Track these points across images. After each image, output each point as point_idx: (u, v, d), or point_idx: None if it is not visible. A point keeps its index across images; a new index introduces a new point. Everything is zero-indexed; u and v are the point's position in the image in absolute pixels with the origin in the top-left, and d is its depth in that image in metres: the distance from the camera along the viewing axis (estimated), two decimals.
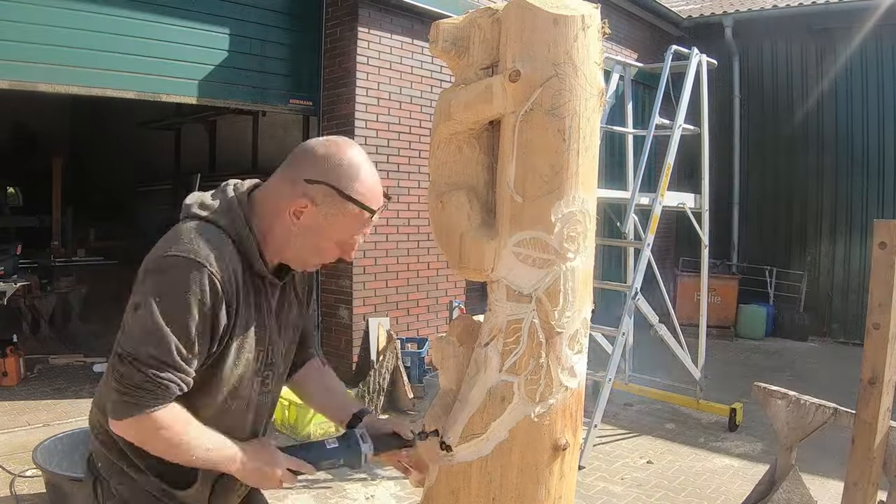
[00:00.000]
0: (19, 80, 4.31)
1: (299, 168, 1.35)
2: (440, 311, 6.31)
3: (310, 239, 1.36)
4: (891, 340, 2.23)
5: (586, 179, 1.42)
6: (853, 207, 8.54)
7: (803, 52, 8.83)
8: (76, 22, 4.50)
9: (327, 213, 1.34)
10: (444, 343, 1.57)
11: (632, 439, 4.74)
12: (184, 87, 5.09)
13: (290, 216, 1.34)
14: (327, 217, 1.34)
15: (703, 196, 5.18)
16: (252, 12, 5.44)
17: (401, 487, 3.78)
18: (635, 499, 3.78)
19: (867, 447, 2.28)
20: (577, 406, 1.49)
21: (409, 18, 5.87)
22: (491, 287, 1.46)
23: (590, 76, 1.38)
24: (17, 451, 3.93)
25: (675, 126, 4.78)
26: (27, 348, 5.86)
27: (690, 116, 4.92)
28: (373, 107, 5.71)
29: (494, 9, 1.44)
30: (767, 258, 9.15)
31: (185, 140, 9.74)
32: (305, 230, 1.35)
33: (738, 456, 4.46)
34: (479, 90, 1.40)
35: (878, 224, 2.25)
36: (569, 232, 1.39)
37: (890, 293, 2.21)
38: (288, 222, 1.35)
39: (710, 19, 9.21)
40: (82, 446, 3.18)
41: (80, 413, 4.62)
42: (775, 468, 2.75)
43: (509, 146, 1.39)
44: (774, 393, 2.69)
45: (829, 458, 3.81)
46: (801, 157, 8.85)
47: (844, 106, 8.51)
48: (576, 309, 1.43)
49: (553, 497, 1.46)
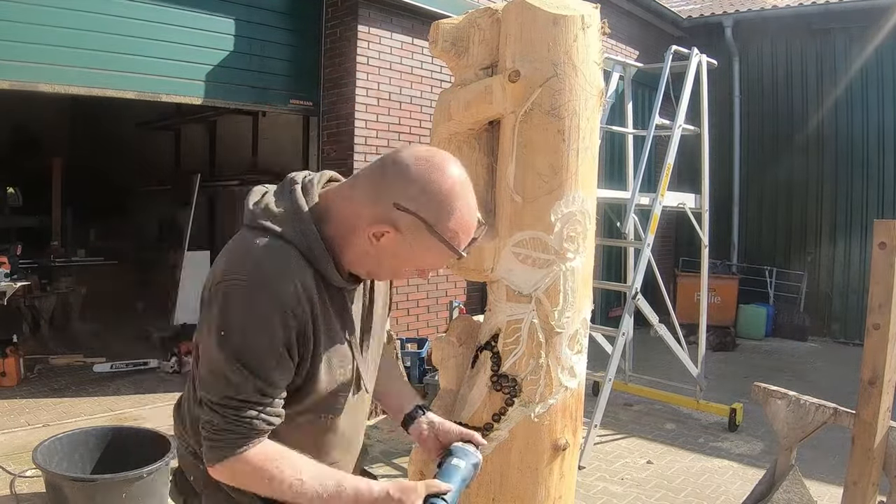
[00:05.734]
0: (19, 80, 4.31)
1: (389, 187, 1.18)
2: (440, 311, 6.31)
3: (386, 261, 1.24)
4: (891, 340, 2.23)
5: (586, 179, 1.42)
6: (853, 207, 8.54)
7: (803, 52, 8.83)
8: (76, 22, 4.50)
9: (412, 245, 1.19)
10: (444, 343, 1.57)
11: (632, 439, 4.74)
12: (184, 87, 5.09)
13: (369, 237, 1.20)
14: (411, 248, 1.20)
15: (703, 196, 5.18)
16: (252, 12, 5.44)
17: None
18: (635, 499, 3.78)
19: (867, 447, 2.28)
20: (576, 406, 1.49)
21: (409, 18, 5.87)
22: (491, 287, 1.46)
23: (589, 76, 1.38)
24: (17, 451, 3.92)
25: (675, 126, 4.78)
26: (27, 348, 5.85)
27: (690, 116, 4.92)
28: (373, 107, 5.71)
29: (494, 9, 1.44)
30: (767, 258, 9.15)
31: (185, 140, 9.73)
32: (383, 252, 1.22)
33: (738, 456, 4.46)
34: (479, 90, 1.40)
35: (878, 224, 2.26)
36: (568, 232, 1.39)
37: (890, 293, 2.21)
38: (365, 241, 1.21)
39: (710, 19, 9.21)
40: (82, 446, 3.19)
41: (80, 413, 4.62)
42: (775, 468, 2.75)
43: (509, 146, 1.39)
44: (774, 393, 2.69)
45: (829, 458, 3.81)
46: (801, 157, 8.85)
47: (844, 106, 8.51)
48: (575, 309, 1.43)
49: (553, 497, 1.45)
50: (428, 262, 1.25)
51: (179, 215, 7.80)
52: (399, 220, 1.17)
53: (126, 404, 4.83)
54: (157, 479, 2.95)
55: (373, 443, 4.46)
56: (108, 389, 5.21)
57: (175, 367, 5.79)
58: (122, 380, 5.53)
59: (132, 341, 6.62)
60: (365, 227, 1.20)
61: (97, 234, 9.46)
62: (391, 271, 1.28)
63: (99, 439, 3.25)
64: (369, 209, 1.19)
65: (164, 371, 5.80)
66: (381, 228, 1.18)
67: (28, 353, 5.76)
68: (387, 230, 1.18)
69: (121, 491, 2.86)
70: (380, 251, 1.21)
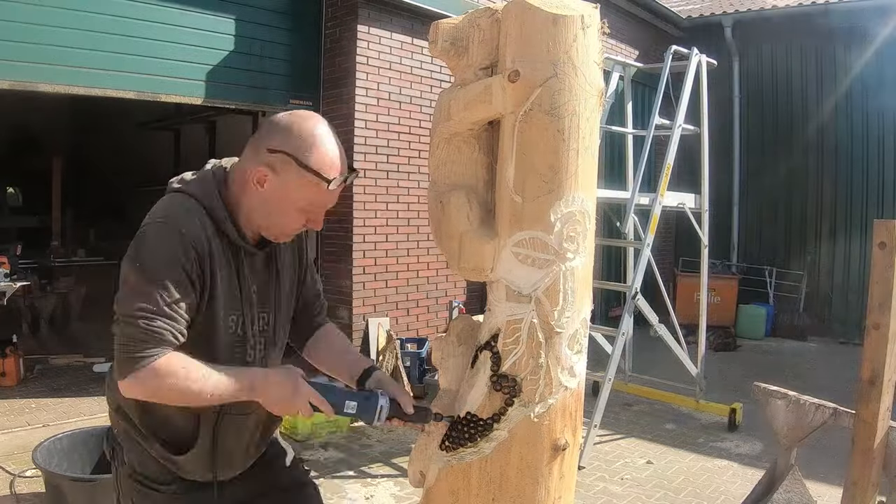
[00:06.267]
0: (19, 80, 4.31)
1: (263, 138, 1.40)
2: (440, 311, 6.31)
3: (273, 206, 1.41)
4: (891, 340, 2.23)
5: (586, 179, 1.42)
6: (853, 207, 8.54)
7: (803, 52, 8.83)
8: (76, 22, 4.51)
9: (286, 181, 1.38)
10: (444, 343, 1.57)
11: (632, 439, 4.74)
12: (184, 87, 5.09)
13: (253, 184, 1.40)
14: (286, 185, 1.38)
15: (703, 196, 5.18)
16: (252, 12, 5.44)
17: (400, 487, 3.78)
18: (635, 499, 3.78)
19: (867, 447, 2.27)
20: (576, 406, 1.49)
21: (408, 18, 5.87)
22: (490, 287, 1.46)
23: (589, 76, 1.38)
24: (17, 451, 3.93)
25: (675, 126, 4.78)
26: (27, 348, 5.85)
27: (690, 116, 4.92)
28: (372, 107, 5.71)
29: (494, 9, 1.44)
30: (767, 258, 9.15)
31: (184, 140, 9.74)
32: (268, 198, 1.40)
33: (738, 456, 4.46)
34: (479, 90, 1.40)
35: (878, 224, 2.25)
36: (568, 232, 1.39)
37: (890, 293, 2.21)
38: (253, 190, 1.40)
39: (710, 19, 9.20)
40: (82, 446, 3.19)
41: (80, 413, 4.62)
42: (775, 468, 2.75)
43: (509, 146, 1.39)
44: (774, 393, 2.69)
45: (829, 458, 3.81)
46: (800, 157, 8.85)
47: (844, 106, 8.51)
48: (575, 309, 1.43)
49: (553, 497, 1.45)
50: (305, 196, 1.40)
51: None
52: (273, 161, 1.37)
53: None
54: None
55: (372, 443, 4.46)
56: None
57: None
58: None
59: None
60: (250, 178, 1.39)
61: (97, 234, 9.47)
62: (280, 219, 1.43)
63: (99, 439, 3.25)
64: (252, 159, 1.40)
65: None
66: (260, 173, 1.38)
67: (28, 352, 5.76)
68: (265, 173, 1.38)
69: None
70: (265, 199, 1.40)
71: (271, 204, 1.40)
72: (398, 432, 4.56)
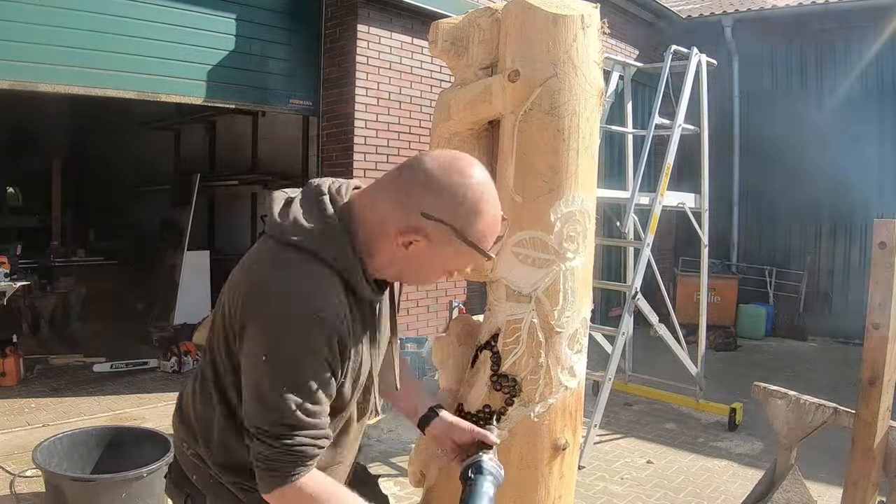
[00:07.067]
0: (19, 80, 4.31)
1: (415, 194, 1.18)
2: (440, 311, 6.31)
3: (415, 267, 1.25)
4: (891, 340, 2.23)
5: (586, 179, 1.42)
6: (853, 207, 8.53)
7: (803, 52, 8.83)
8: (76, 22, 4.50)
9: (441, 251, 1.20)
10: (444, 343, 1.57)
11: (632, 439, 4.74)
12: (184, 87, 5.09)
13: (398, 245, 1.20)
14: (440, 254, 1.21)
15: (703, 196, 5.18)
16: (252, 12, 5.44)
17: (400, 487, 3.77)
18: (635, 499, 3.78)
19: (867, 447, 2.27)
20: (576, 406, 1.49)
21: (408, 18, 5.86)
22: (490, 287, 1.46)
23: (589, 76, 1.38)
24: (17, 451, 3.92)
25: (675, 126, 4.78)
26: (27, 348, 5.85)
27: (690, 116, 4.92)
28: (372, 107, 5.70)
29: (494, 9, 1.44)
30: (767, 258, 9.15)
31: (184, 140, 9.73)
32: (412, 259, 1.22)
33: (737, 456, 4.46)
34: (479, 90, 1.40)
35: (878, 224, 2.26)
36: (568, 231, 1.39)
37: (890, 293, 2.21)
38: (394, 248, 1.21)
39: (710, 19, 9.20)
40: (82, 446, 3.19)
41: (80, 413, 4.62)
42: (775, 468, 2.75)
43: (509, 146, 1.39)
44: (774, 392, 2.69)
45: (829, 458, 3.81)
46: (800, 157, 8.84)
47: (845, 105, 8.51)
48: (575, 309, 1.43)
49: (553, 496, 1.45)
50: (457, 265, 1.26)
51: (179, 215, 7.80)
52: (428, 229, 1.18)
53: (126, 404, 4.82)
54: (157, 479, 2.95)
55: (372, 443, 4.46)
56: (107, 389, 5.21)
57: (175, 367, 5.79)
58: (122, 380, 5.53)
59: (132, 341, 6.62)
60: (393, 236, 1.20)
61: (97, 234, 9.46)
62: (420, 276, 1.30)
63: (99, 439, 3.25)
64: (396, 218, 1.19)
65: (164, 371, 5.80)
66: (410, 237, 1.19)
67: (28, 352, 5.76)
68: (416, 239, 1.18)
69: (121, 491, 2.86)
70: (409, 257, 1.22)
71: (413, 265, 1.24)
72: (398, 432, 4.56)
